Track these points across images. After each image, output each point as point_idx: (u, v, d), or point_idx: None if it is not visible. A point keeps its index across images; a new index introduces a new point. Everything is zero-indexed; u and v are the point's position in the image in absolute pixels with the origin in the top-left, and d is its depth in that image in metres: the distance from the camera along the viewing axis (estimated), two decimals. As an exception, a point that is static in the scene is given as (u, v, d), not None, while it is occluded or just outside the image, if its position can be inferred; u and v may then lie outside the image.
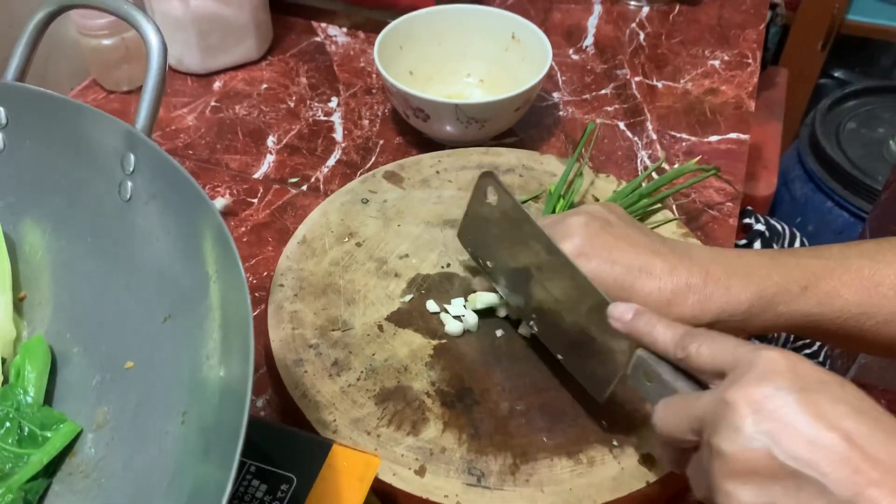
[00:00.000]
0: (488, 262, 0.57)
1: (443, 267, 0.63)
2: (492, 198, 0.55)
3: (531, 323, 0.54)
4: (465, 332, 0.58)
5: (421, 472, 0.50)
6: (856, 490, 0.32)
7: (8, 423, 0.41)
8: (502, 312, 0.59)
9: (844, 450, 0.33)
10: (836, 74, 1.85)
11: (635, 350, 0.45)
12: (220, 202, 0.75)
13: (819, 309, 0.47)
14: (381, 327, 0.58)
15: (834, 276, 0.48)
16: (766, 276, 0.48)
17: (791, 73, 1.63)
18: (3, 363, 0.44)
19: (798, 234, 0.99)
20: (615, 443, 0.51)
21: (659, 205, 0.68)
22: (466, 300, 0.59)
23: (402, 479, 0.49)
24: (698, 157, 0.75)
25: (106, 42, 0.84)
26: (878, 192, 1.33)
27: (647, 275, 0.48)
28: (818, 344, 1.17)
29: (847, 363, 1.24)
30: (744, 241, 0.97)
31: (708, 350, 0.40)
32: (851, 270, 0.47)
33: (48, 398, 0.44)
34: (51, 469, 0.41)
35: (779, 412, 0.34)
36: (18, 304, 0.47)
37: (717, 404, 0.37)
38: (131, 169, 0.43)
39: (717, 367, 0.40)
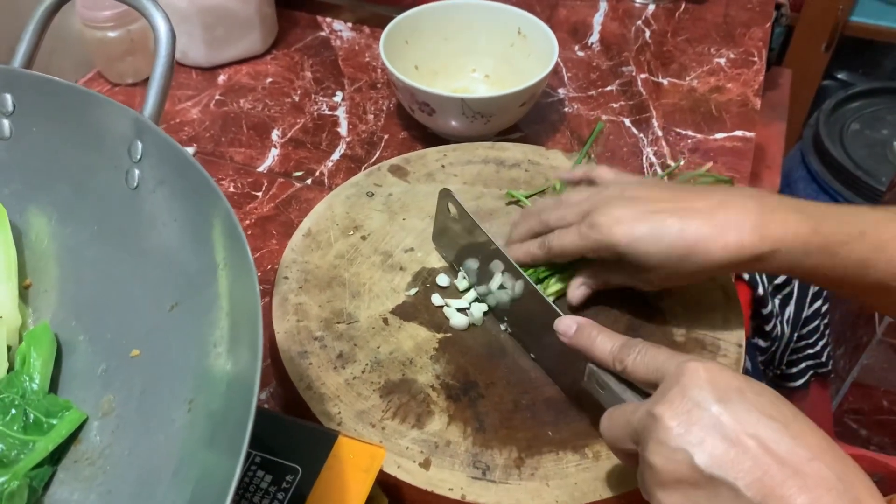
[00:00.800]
0: (460, 268, 0.61)
1: (448, 261, 0.62)
2: (454, 212, 0.59)
3: (504, 325, 0.58)
4: (471, 325, 0.58)
5: (426, 464, 0.50)
6: (766, 492, 0.34)
7: (13, 410, 0.41)
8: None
9: (756, 454, 0.35)
10: (839, 76, 1.85)
11: (587, 362, 0.47)
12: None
13: (875, 254, 0.47)
14: (385, 320, 0.58)
15: (892, 224, 0.48)
16: (822, 216, 0.48)
17: (794, 75, 1.63)
18: (9, 350, 0.44)
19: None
20: (621, 437, 0.51)
21: None
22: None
23: (407, 472, 0.49)
24: (709, 165, 0.75)
25: (111, 34, 0.83)
26: (881, 193, 1.33)
27: (695, 213, 0.49)
28: (821, 344, 1.17)
29: (849, 364, 1.24)
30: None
31: (642, 362, 0.42)
32: None
33: (53, 386, 0.43)
34: (56, 456, 0.41)
35: (698, 423, 0.37)
36: (24, 292, 0.47)
37: (646, 418, 0.39)
38: (139, 156, 0.42)
39: (650, 379, 0.42)
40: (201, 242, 0.39)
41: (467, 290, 0.60)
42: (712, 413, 0.37)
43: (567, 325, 0.48)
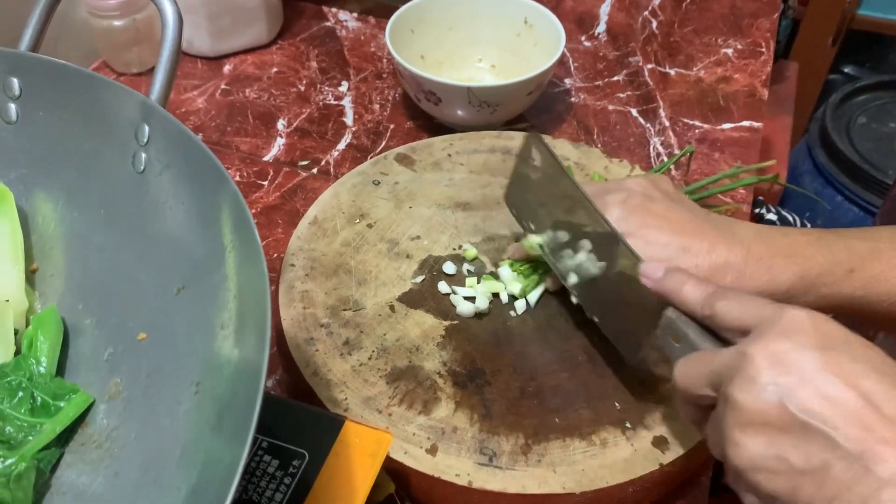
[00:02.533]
0: (531, 224, 0.58)
1: (454, 249, 0.62)
2: (537, 159, 0.55)
3: (571, 285, 0.54)
4: (478, 313, 0.57)
5: (433, 450, 0.49)
6: (865, 446, 0.32)
7: (21, 393, 0.41)
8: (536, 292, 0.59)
9: (858, 407, 0.33)
10: (845, 70, 1.84)
11: (664, 310, 0.45)
12: None
13: (864, 292, 0.46)
14: (392, 308, 0.58)
15: (883, 258, 0.46)
16: (810, 256, 0.47)
17: (801, 68, 1.62)
18: (16, 334, 0.44)
19: (809, 227, 0.99)
20: (628, 424, 0.51)
21: None
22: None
23: (414, 458, 0.49)
24: (768, 164, 0.73)
25: (116, 23, 0.83)
26: (888, 187, 1.33)
27: (684, 252, 0.48)
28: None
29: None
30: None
31: (735, 308, 0.40)
32: None
33: (60, 369, 0.43)
34: (63, 439, 0.41)
35: (796, 366, 0.35)
36: (31, 276, 0.47)
37: (736, 357, 0.37)
38: (145, 140, 0.42)
39: (742, 324, 0.39)
40: (208, 226, 0.39)
41: (540, 247, 0.57)
42: (813, 357, 0.34)
43: (654, 268, 0.45)
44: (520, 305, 0.58)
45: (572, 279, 0.54)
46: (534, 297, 0.58)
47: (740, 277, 0.47)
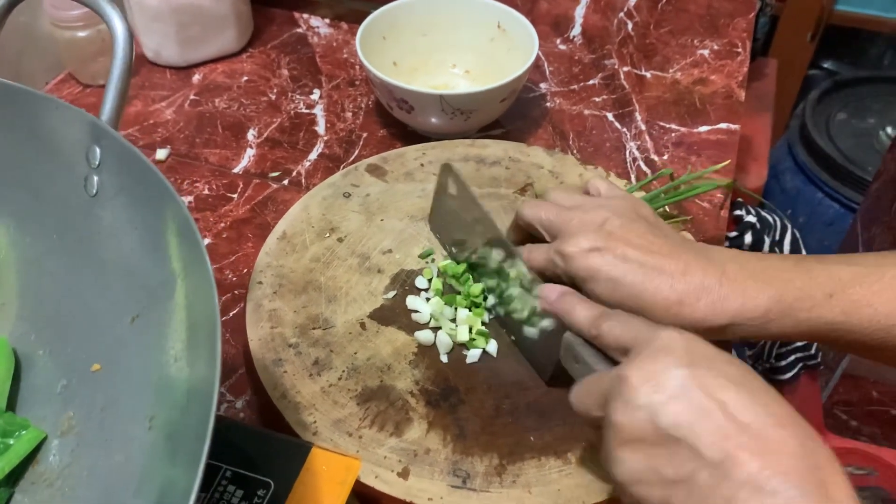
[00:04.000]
0: (453, 249, 0.61)
1: (427, 262, 0.61)
2: (453, 189, 0.59)
3: (489, 306, 0.57)
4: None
5: (404, 474, 0.48)
6: (725, 453, 0.34)
7: (-32, 430, 0.39)
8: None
9: (719, 418, 0.35)
10: (825, 65, 1.85)
11: (564, 333, 0.47)
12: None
13: (845, 318, 0.46)
14: (363, 325, 0.56)
15: (865, 284, 0.46)
16: (787, 280, 0.47)
17: (780, 65, 1.62)
18: (-35, 367, 0.42)
19: (790, 226, 0.99)
20: (604, 441, 0.50)
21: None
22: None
23: (385, 482, 0.48)
24: (722, 165, 0.72)
25: (81, 34, 0.81)
26: (868, 183, 1.33)
27: (658, 273, 0.47)
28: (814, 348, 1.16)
29: (838, 356, 1.23)
30: (734, 234, 0.95)
31: (617, 329, 0.43)
32: (885, 279, 0.46)
33: (11, 403, 0.42)
34: (13, 478, 0.39)
35: (665, 385, 0.37)
36: (-19, 305, 0.45)
37: (614, 379, 0.39)
38: (97, 162, 0.41)
39: (623, 344, 0.42)
40: (161, 252, 0.37)
41: (462, 274, 0.59)
42: (678, 375, 0.37)
43: (549, 290, 0.49)
44: (473, 354, 0.55)
45: (490, 301, 0.57)
46: (492, 347, 0.56)
47: (715, 300, 0.47)
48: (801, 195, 1.44)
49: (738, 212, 0.95)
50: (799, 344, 1.13)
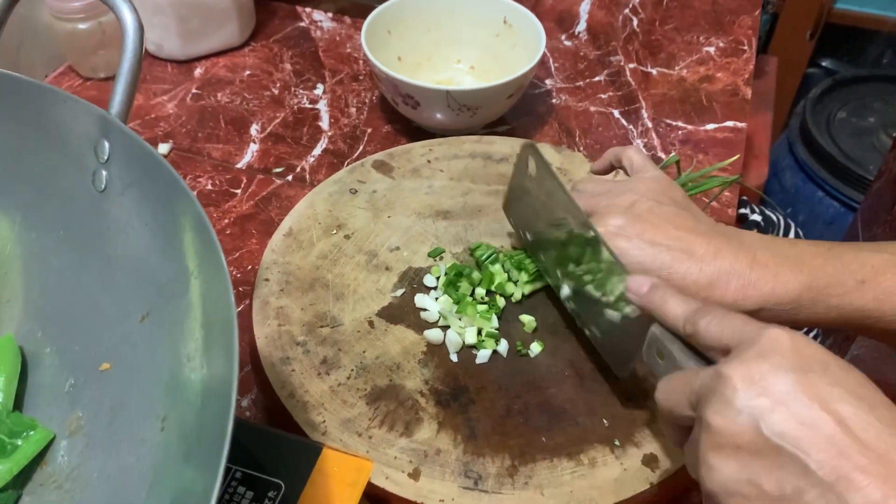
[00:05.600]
0: (528, 235, 0.57)
1: (435, 260, 0.60)
2: (532, 169, 0.55)
3: (564, 297, 0.54)
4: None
5: (415, 475, 0.47)
6: (839, 473, 0.31)
7: (-26, 431, 0.38)
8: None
9: (833, 432, 0.32)
10: (824, 64, 1.84)
11: (650, 326, 0.44)
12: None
13: (876, 304, 0.45)
14: (371, 323, 0.56)
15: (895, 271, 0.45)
16: (818, 266, 0.46)
17: (779, 63, 1.62)
18: (-31, 365, 0.41)
19: (792, 225, 0.98)
20: (617, 442, 0.49)
21: None
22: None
23: (396, 483, 0.47)
24: (729, 161, 0.72)
25: (81, 26, 0.80)
26: (869, 182, 1.32)
27: (688, 255, 0.46)
28: (811, 335, 1.16)
29: (839, 355, 1.23)
30: (737, 228, 0.95)
31: (716, 326, 0.39)
32: None
33: (18, 403, 0.41)
34: (21, 479, 0.38)
35: (772, 389, 0.34)
36: (-15, 302, 0.44)
37: (712, 377, 0.36)
38: (105, 157, 0.40)
39: (723, 343, 0.39)
40: (173, 248, 0.36)
41: (528, 258, 0.57)
42: (789, 380, 0.33)
43: (640, 282, 0.45)
44: (483, 355, 0.54)
45: (565, 291, 0.54)
46: (502, 348, 0.54)
47: (745, 284, 0.46)
48: (801, 193, 1.44)
49: (742, 210, 0.95)
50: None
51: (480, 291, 0.57)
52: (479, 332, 0.55)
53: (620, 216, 0.49)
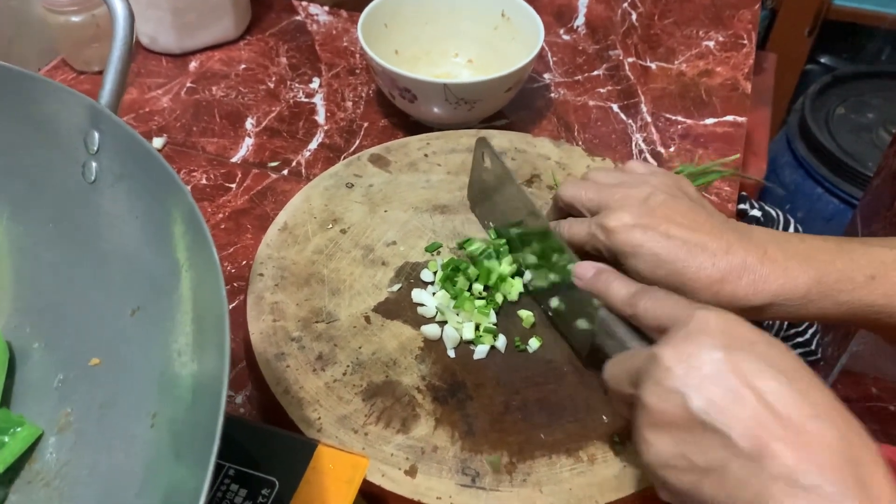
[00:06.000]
0: (490, 223, 0.60)
1: (432, 255, 0.59)
2: (488, 162, 0.58)
3: (528, 281, 0.56)
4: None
5: (412, 472, 0.47)
6: (759, 444, 0.33)
7: (-40, 427, 0.37)
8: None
9: (754, 406, 0.34)
10: (822, 60, 1.84)
11: (598, 309, 0.47)
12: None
13: (886, 300, 0.45)
14: (368, 319, 0.55)
15: None
16: (828, 261, 0.46)
17: (778, 59, 1.61)
18: (-43, 360, 0.41)
19: (792, 221, 0.98)
20: (617, 439, 0.49)
21: None
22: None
23: (392, 480, 0.46)
24: (731, 158, 0.72)
25: (74, 19, 0.79)
26: (868, 179, 1.32)
27: (701, 250, 0.47)
28: (811, 332, 1.15)
29: (838, 352, 1.22)
30: (747, 224, 0.95)
31: (653, 307, 0.42)
32: None
33: (6, 399, 0.40)
34: (8, 477, 0.38)
35: (700, 368, 0.36)
36: (-26, 296, 0.43)
37: (647, 358, 0.38)
38: (95, 148, 0.39)
39: (660, 323, 0.41)
40: (164, 241, 0.36)
41: (499, 251, 0.58)
42: (714, 359, 0.36)
43: (584, 267, 0.48)
44: (480, 350, 0.53)
45: (527, 276, 0.56)
46: (500, 343, 0.54)
47: (756, 279, 0.46)
48: (800, 190, 1.43)
49: (742, 206, 0.94)
50: (799, 339, 1.13)
51: (478, 287, 0.56)
52: (477, 328, 0.54)
53: (636, 209, 0.49)
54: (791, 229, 0.99)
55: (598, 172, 0.54)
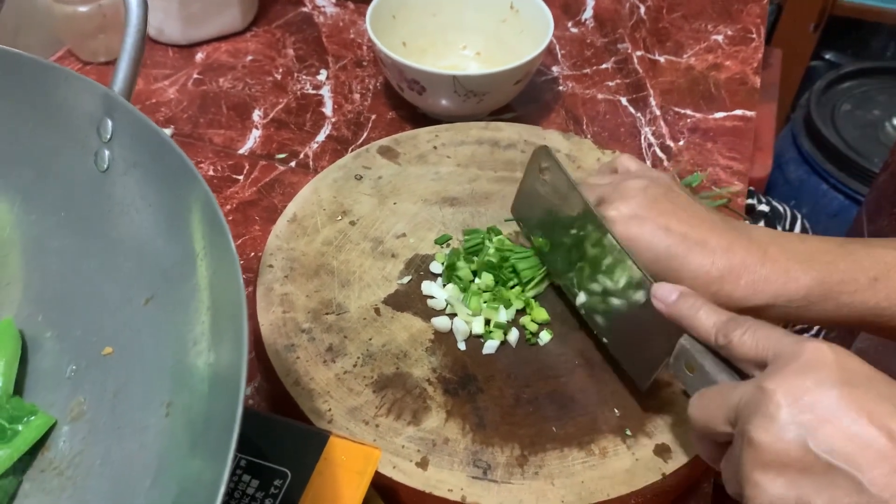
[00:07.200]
0: (540, 238, 0.55)
1: (442, 247, 0.59)
2: (547, 175, 0.54)
3: (579, 304, 0.52)
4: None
5: (423, 464, 0.47)
6: (893, 491, 0.31)
7: (-27, 416, 0.37)
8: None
9: (885, 448, 0.31)
10: (827, 56, 1.83)
11: (678, 338, 0.43)
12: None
13: (889, 303, 0.44)
14: (377, 310, 0.55)
15: None
16: (830, 262, 0.45)
17: (783, 55, 1.61)
18: (-32, 349, 0.40)
19: (799, 216, 0.97)
20: (628, 432, 0.48)
21: None
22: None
23: (404, 473, 0.46)
24: (706, 173, 0.72)
25: (81, 9, 0.79)
26: (874, 175, 1.31)
27: (701, 247, 0.46)
28: (815, 329, 1.15)
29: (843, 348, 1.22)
30: (746, 223, 0.94)
31: (752, 338, 0.38)
32: None
33: (18, 388, 0.40)
34: (21, 466, 0.37)
35: (818, 404, 0.33)
36: (-16, 285, 0.43)
37: (754, 392, 0.35)
38: (108, 136, 0.39)
39: (759, 356, 0.38)
40: (178, 230, 0.35)
41: (542, 268, 0.55)
42: (835, 395, 0.33)
43: (668, 291, 0.43)
44: (490, 345, 0.52)
45: (581, 298, 0.52)
46: (513, 338, 0.53)
47: (756, 279, 0.45)
48: (805, 186, 1.43)
49: (749, 201, 0.94)
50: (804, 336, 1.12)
51: (486, 279, 0.55)
52: (488, 322, 0.54)
53: (633, 199, 0.48)
54: (798, 224, 0.98)
55: (594, 177, 0.54)
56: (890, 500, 0.31)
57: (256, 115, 0.78)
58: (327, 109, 0.79)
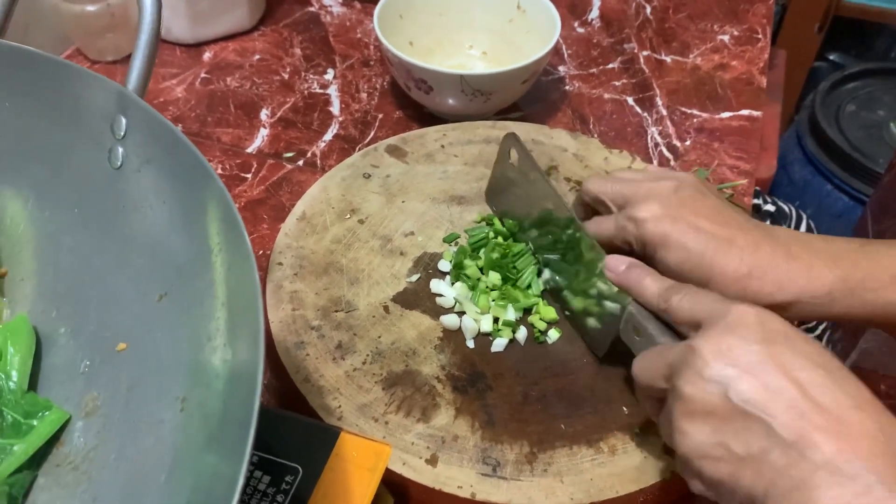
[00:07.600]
0: (511, 222, 0.59)
1: (450, 245, 0.59)
2: (514, 158, 0.57)
3: (544, 280, 0.56)
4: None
5: (433, 461, 0.47)
6: (800, 433, 0.34)
7: (-12, 411, 0.37)
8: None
9: (795, 397, 0.35)
10: (831, 57, 1.83)
11: (627, 305, 0.47)
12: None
13: None
14: (386, 308, 0.55)
15: None
16: (852, 261, 0.46)
17: (787, 56, 1.61)
18: (-18, 345, 0.41)
19: (804, 216, 0.97)
20: (637, 430, 0.49)
21: None
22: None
23: (413, 469, 0.46)
24: (710, 169, 0.72)
25: (90, 8, 0.79)
26: (878, 176, 1.32)
27: (730, 246, 0.47)
28: (819, 328, 1.15)
29: (847, 349, 1.22)
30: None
31: (688, 303, 0.42)
32: None
33: (33, 383, 0.40)
34: (37, 460, 0.38)
35: (739, 359, 0.36)
36: (-1, 281, 0.43)
37: (685, 350, 0.39)
38: (122, 133, 0.39)
39: (694, 318, 0.41)
40: (193, 226, 0.35)
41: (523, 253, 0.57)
42: (754, 350, 0.36)
43: (616, 261, 0.48)
44: (499, 343, 0.53)
45: (545, 274, 0.56)
46: (521, 335, 0.54)
47: (781, 277, 0.46)
48: (810, 186, 1.43)
49: (755, 201, 0.94)
50: (809, 336, 1.13)
51: (494, 277, 0.55)
52: (496, 321, 0.54)
53: (665, 199, 0.49)
54: (803, 225, 0.99)
55: (621, 171, 0.55)
56: (796, 442, 0.34)
57: (264, 114, 0.79)
58: (335, 108, 0.80)
